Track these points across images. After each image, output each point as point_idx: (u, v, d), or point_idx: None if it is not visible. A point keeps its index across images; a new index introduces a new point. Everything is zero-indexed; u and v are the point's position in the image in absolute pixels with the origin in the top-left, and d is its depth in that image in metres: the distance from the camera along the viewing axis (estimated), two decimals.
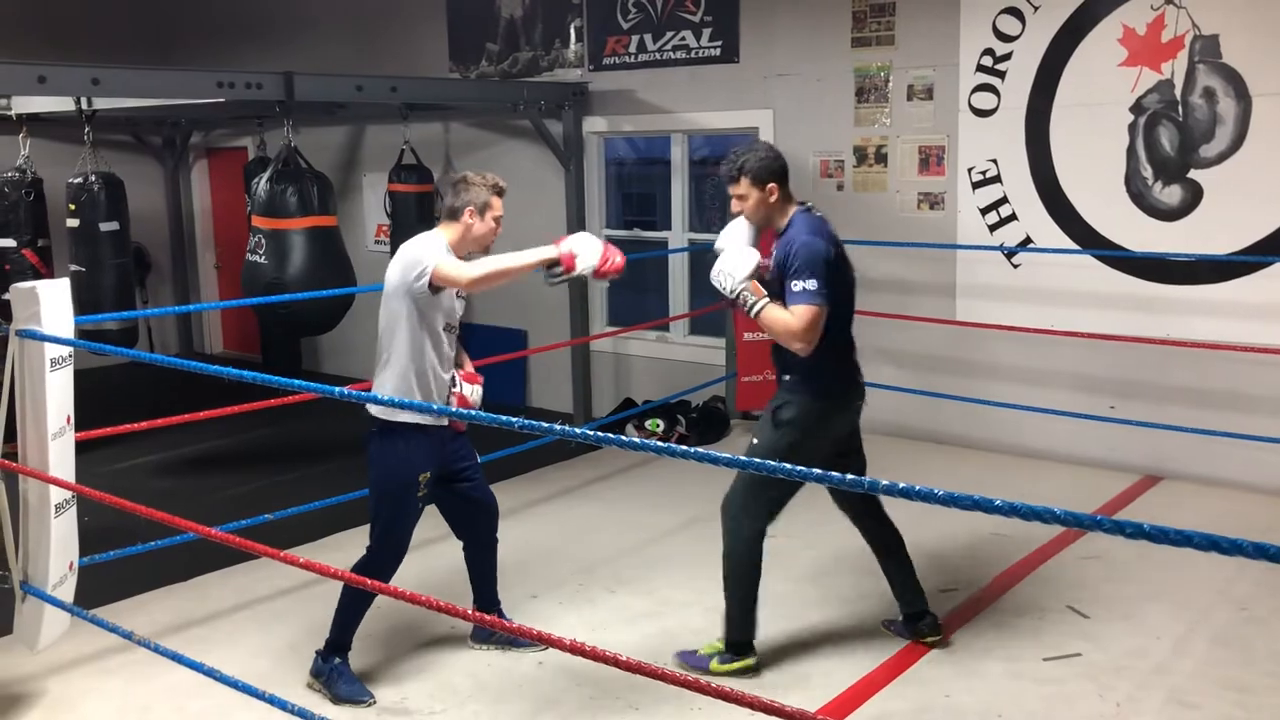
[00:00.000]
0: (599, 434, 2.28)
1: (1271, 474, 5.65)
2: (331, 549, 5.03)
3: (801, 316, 3.64)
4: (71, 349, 3.57)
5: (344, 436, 4.20)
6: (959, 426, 6.67)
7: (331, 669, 3.82)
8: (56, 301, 3.50)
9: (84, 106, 6.42)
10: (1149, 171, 5.90)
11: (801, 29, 6.86)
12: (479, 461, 4.09)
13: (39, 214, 7.22)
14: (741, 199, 3.82)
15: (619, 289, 8.11)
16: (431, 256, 3.64)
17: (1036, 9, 6.09)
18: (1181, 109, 5.76)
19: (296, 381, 2.80)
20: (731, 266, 3.75)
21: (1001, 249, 6.38)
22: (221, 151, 10.33)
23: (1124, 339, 5.96)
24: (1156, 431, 5.84)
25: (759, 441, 3.85)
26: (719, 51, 7.18)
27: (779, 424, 3.80)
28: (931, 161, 6.56)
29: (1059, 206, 6.19)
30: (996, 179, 6.36)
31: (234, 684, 3.18)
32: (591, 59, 7.74)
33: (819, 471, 2.03)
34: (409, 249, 3.72)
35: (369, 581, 3.06)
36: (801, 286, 3.65)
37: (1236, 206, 5.65)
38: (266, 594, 4.74)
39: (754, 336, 6.76)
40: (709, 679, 2.98)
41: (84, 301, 6.14)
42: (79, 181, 6.77)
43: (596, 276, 3.75)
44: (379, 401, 3.54)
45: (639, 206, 8.17)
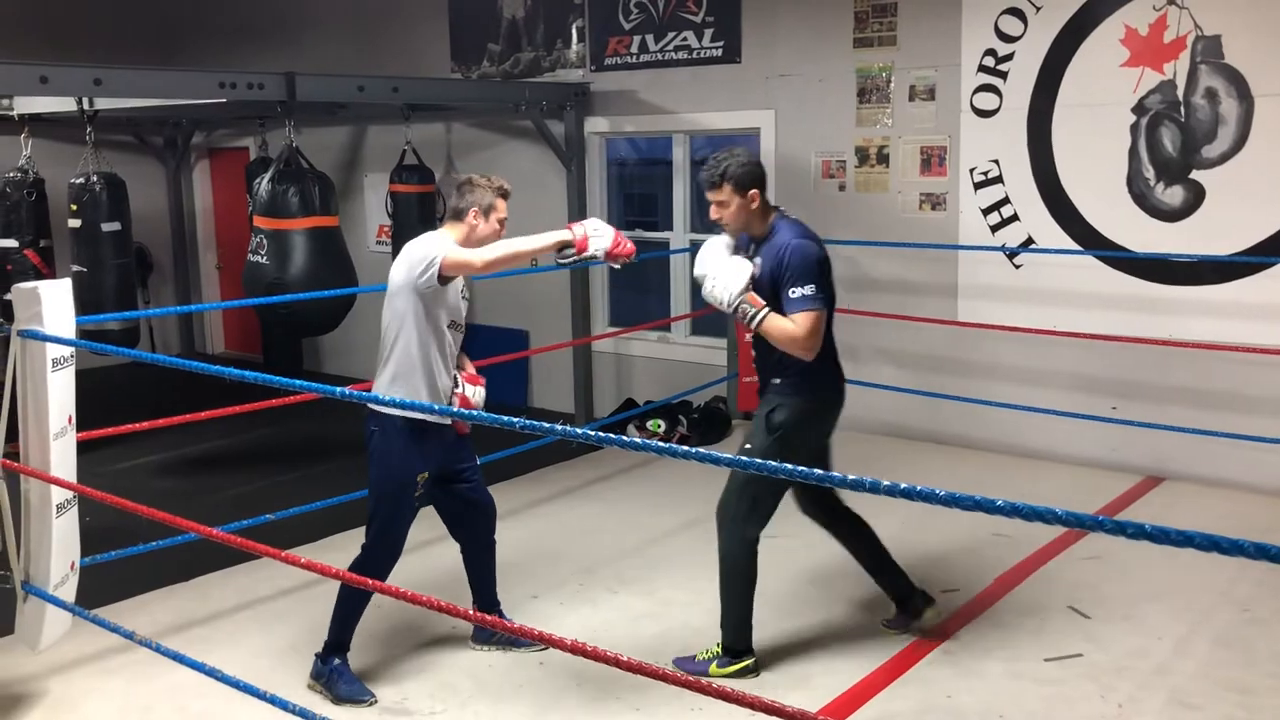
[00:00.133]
0: (600, 434, 2.29)
1: (1273, 475, 5.65)
2: (333, 549, 5.03)
3: (803, 323, 3.63)
4: (73, 349, 3.57)
5: (345, 437, 4.21)
6: (960, 427, 6.67)
7: (331, 670, 3.82)
8: (58, 302, 3.51)
9: (86, 107, 6.42)
10: (1151, 172, 5.89)
11: (803, 29, 6.86)
12: (477, 463, 4.09)
13: (41, 214, 7.23)
14: (722, 205, 3.79)
15: (620, 289, 8.12)
16: (438, 250, 3.65)
17: (1038, 9, 6.09)
18: (1183, 109, 5.76)
19: (298, 382, 2.81)
20: (725, 280, 3.72)
21: (1003, 249, 6.38)
22: (223, 152, 10.34)
23: (1126, 340, 5.96)
24: (1158, 432, 5.83)
25: (752, 445, 3.85)
26: (721, 52, 7.18)
27: (773, 427, 3.80)
28: (933, 162, 6.56)
29: (1061, 207, 6.19)
30: (998, 179, 6.36)
31: (235, 684, 3.19)
32: (593, 59, 7.74)
33: (820, 472, 2.04)
34: (414, 246, 3.73)
35: (370, 581, 3.06)
36: (800, 293, 3.64)
37: (1238, 207, 5.65)
38: (268, 594, 4.74)
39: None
40: (710, 679, 2.99)
41: (86, 302, 6.13)
42: (81, 182, 6.77)
43: (608, 258, 3.74)
44: (381, 401, 3.54)
45: (640, 207, 8.18)
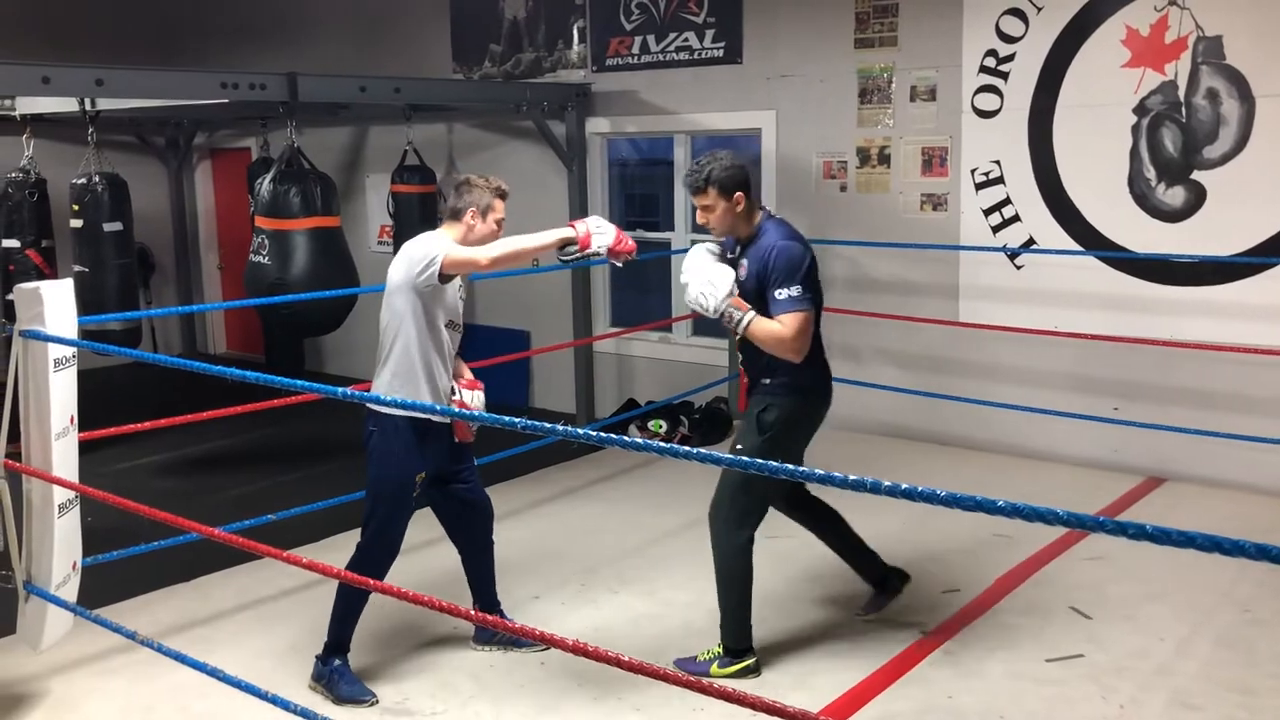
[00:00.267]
0: (602, 435, 2.29)
1: (1275, 475, 5.65)
2: (334, 549, 5.02)
3: (790, 325, 3.65)
4: (75, 349, 3.57)
5: (347, 437, 4.22)
6: (962, 427, 6.67)
7: (332, 671, 3.82)
8: (60, 302, 3.51)
9: (88, 107, 6.43)
10: (1152, 173, 5.89)
11: (804, 30, 6.87)
12: (474, 464, 4.10)
13: (43, 214, 7.23)
14: (708, 209, 3.79)
15: (621, 290, 8.12)
16: (438, 248, 3.65)
17: (1040, 10, 6.09)
18: (1185, 110, 5.76)
19: (299, 382, 2.80)
20: (710, 285, 3.73)
21: (1004, 250, 6.38)
22: (225, 152, 10.35)
23: (1127, 340, 5.95)
24: (1159, 433, 5.83)
25: (744, 446, 3.85)
26: (722, 52, 7.19)
27: (764, 427, 3.81)
28: (934, 162, 6.56)
29: (1062, 207, 6.19)
30: (999, 180, 6.36)
31: (237, 684, 3.19)
32: (594, 60, 7.74)
33: (821, 472, 2.03)
34: (413, 245, 3.73)
35: (370, 581, 3.05)
36: (786, 294, 3.65)
37: (1240, 208, 5.65)
38: (269, 594, 4.74)
39: None
40: (711, 680, 2.99)
41: (87, 302, 6.13)
42: (83, 182, 6.77)
43: (610, 255, 3.75)
44: (382, 401, 3.54)
45: (642, 207, 8.18)
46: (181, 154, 10.20)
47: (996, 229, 6.41)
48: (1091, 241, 6.12)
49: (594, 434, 2.28)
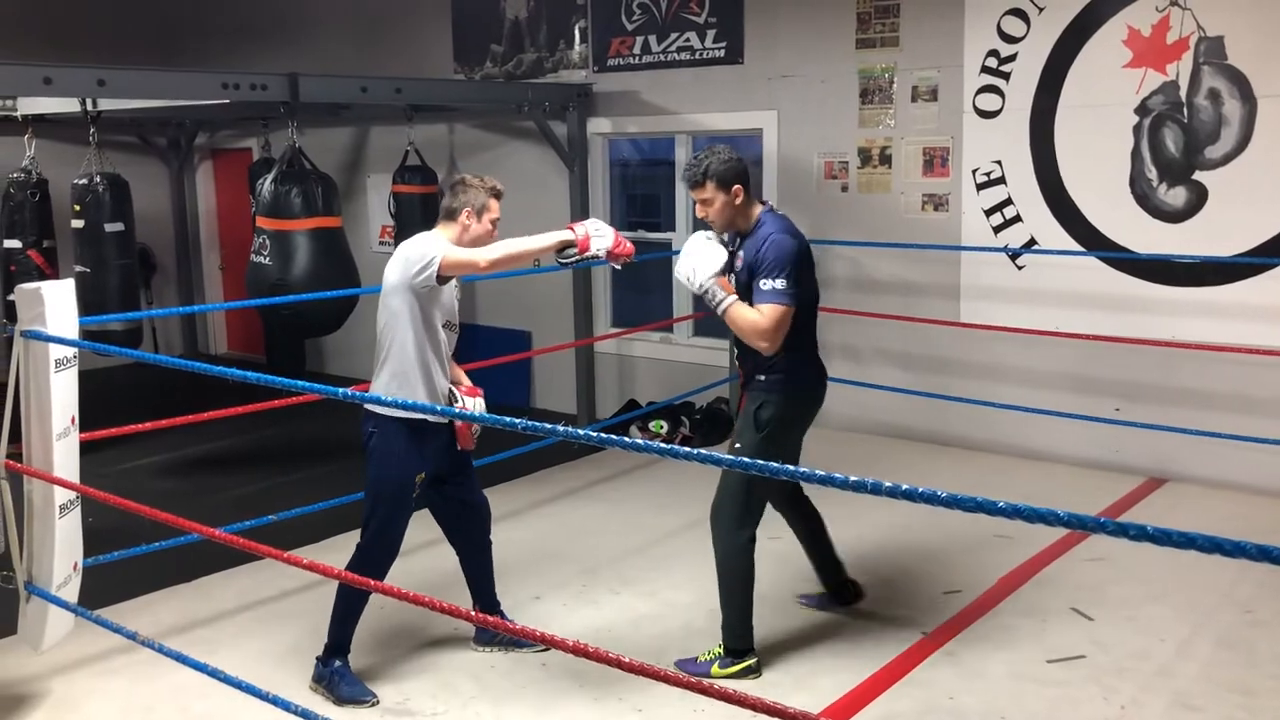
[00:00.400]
0: (603, 435, 2.29)
1: (1276, 476, 5.64)
2: (335, 550, 5.01)
3: (769, 316, 3.66)
4: (76, 350, 3.58)
5: (348, 437, 4.21)
6: (963, 428, 6.66)
7: (332, 672, 3.82)
8: (61, 302, 3.51)
9: (89, 107, 6.43)
10: (1154, 173, 5.89)
11: (806, 30, 6.86)
12: (472, 464, 4.10)
13: (44, 215, 7.23)
14: (706, 203, 3.81)
15: (622, 290, 8.12)
16: (436, 248, 3.65)
17: (1041, 10, 6.08)
18: (1186, 110, 5.75)
19: (300, 382, 2.80)
20: (698, 261, 3.77)
21: (1006, 250, 6.38)
22: (226, 152, 10.35)
23: (1129, 341, 5.95)
24: (1161, 433, 5.83)
25: (742, 445, 3.87)
26: (723, 53, 7.18)
27: (761, 425, 3.83)
28: (936, 163, 6.55)
29: (1063, 208, 6.18)
30: (1001, 180, 6.35)
31: (238, 685, 3.19)
32: (596, 60, 7.74)
33: (821, 473, 2.03)
34: (409, 246, 3.73)
35: (371, 582, 3.06)
36: (770, 285, 3.67)
37: (1241, 208, 5.64)
38: (270, 595, 4.74)
39: None
40: (712, 681, 2.99)
41: (89, 302, 6.15)
42: (84, 182, 6.77)
43: (609, 258, 3.77)
44: (382, 402, 3.54)
45: (643, 208, 8.18)
46: (183, 154, 10.20)
47: (998, 229, 6.40)
48: (1093, 242, 6.11)
49: (595, 435, 2.28)
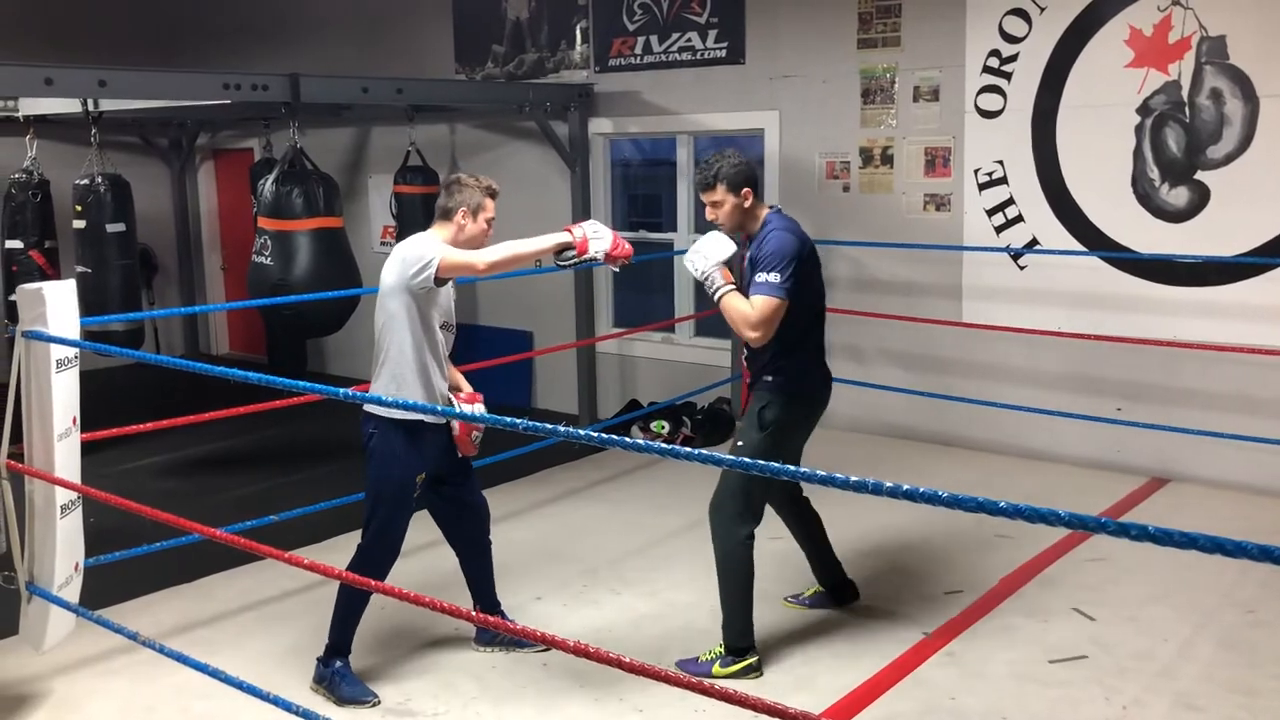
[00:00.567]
0: (604, 435, 2.29)
1: (1278, 476, 5.63)
2: (336, 550, 5.02)
3: (758, 307, 3.72)
4: (77, 350, 3.57)
5: (349, 438, 4.21)
6: (965, 428, 6.66)
7: (333, 673, 3.82)
8: (62, 303, 3.51)
9: (90, 108, 6.44)
10: (1155, 173, 5.88)
11: (807, 30, 6.86)
12: (471, 464, 4.10)
13: (46, 215, 7.24)
14: (717, 205, 3.90)
15: (624, 290, 8.12)
16: (434, 250, 3.65)
17: (1043, 10, 6.08)
18: (1188, 110, 5.75)
19: (302, 383, 2.80)
20: (706, 248, 3.85)
21: (1008, 250, 6.37)
22: (228, 153, 10.35)
23: (1130, 341, 5.94)
24: (1163, 433, 5.83)
25: (744, 443, 3.91)
26: (725, 53, 7.18)
27: (764, 425, 3.87)
28: (937, 163, 6.55)
29: (1065, 208, 6.18)
30: (1003, 180, 6.35)
31: (239, 685, 3.19)
32: (597, 60, 7.74)
33: (822, 473, 2.03)
34: (406, 247, 3.73)
35: (372, 583, 3.05)
36: (764, 279, 3.73)
37: (1244, 208, 5.64)
38: (271, 595, 4.74)
39: None
40: (713, 681, 2.99)
41: (90, 303, 6.15)
42: (85, 183, 6.77)
43: (607, 260, 3.79)
44: (383, 403, 3.54)
45: (644, 208, 8.17)
46: (184, 155, 10.21)
47: (1000, 229, 6.40)
48: (1095, 242, 6.11)
49: (596, 435, 2.28)
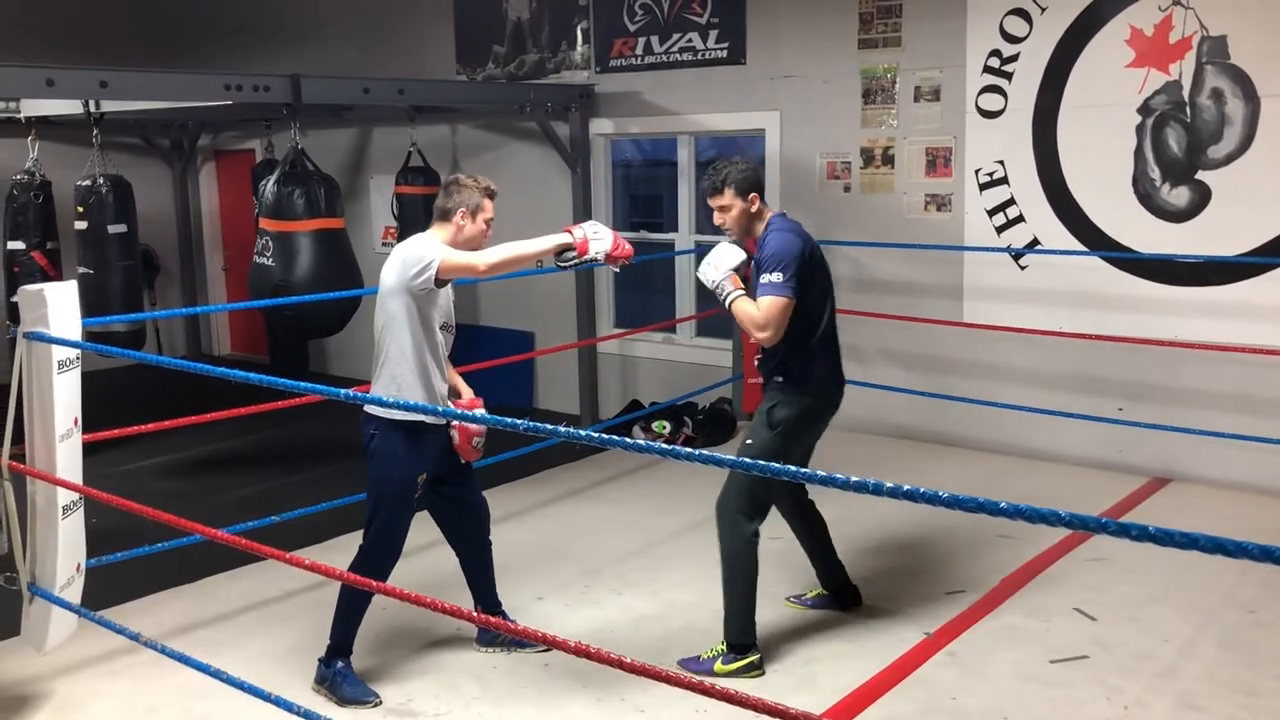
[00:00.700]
0: (605, 436, 2.29)
1: (1279, 476, 5.63)
2: (338, 551, 5.02)
3: (765, 308, 3.77)
4: (79, 351, 3.58)
5: (350, 438, 4.22)
6: (966, 428, 6.66)
7: (335, 673, 3.82)
8: (64, 304, 3.51)
9: (92, 109, 6.44)
10: (1156, 173, 5.88)
11: (808, 31, 6.86)
12: (471, 465, 4.10)
13: (48, 216, 7.25)
14: (724, 210, 3.96)
15: (625, 291, 8.12)
16: (434, 251, 3.66)
17: (1043, 10, 6.08)
18: (1189, 110, 5.74)
19: (303, 383, 2.80)
20: (716, 258, 3.92)
21: (1009, 250, 6.37)
22: (229, 154, 10.36)
23: (1131, 341, 5.94)
24: (1164, 433, 5.82)
25: (753, 442, 3.94)
26: (725, 53, 7.18)
27: (774, 424, 3.92)
28: (938, 163, 6.55)
29: (1066, 208, 6.18)
30: (1004, 180, 6.35)
31: (240, 685, 3.19)
32: (598, 61, 7.74)
33: (823, 473, 2.03)
34: (405, 248, 3.74)
35: (373, 583, 3.06)
36: (768, 279, 3.79)
37: (1245, 208, 5.63)
38: (273, 596, 4.74)
39: None
40: (714, 681, 2.99)
41: (92, 303, 6.16)
42: (87, 184, 6.78)
43: (608, 261, 3.81)
44: (384, 404, 3.55)
45: (645, 208, 8.18)
46: (186, 156, 10.21)
47: (1001, 229, 6.40)
48: (1096, 242, 6.10)
49: (598, 435, 2.29)
